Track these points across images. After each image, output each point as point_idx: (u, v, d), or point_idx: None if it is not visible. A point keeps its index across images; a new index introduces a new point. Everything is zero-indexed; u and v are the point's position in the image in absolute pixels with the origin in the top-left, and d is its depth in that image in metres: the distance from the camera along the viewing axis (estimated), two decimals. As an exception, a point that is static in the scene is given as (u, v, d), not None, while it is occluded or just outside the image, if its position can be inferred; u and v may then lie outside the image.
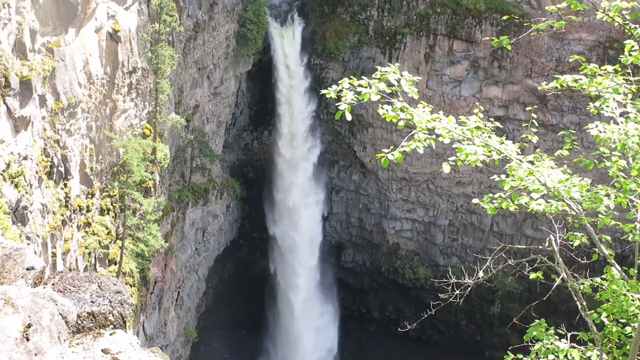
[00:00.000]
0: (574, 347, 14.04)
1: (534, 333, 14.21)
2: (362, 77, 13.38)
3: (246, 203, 73.76)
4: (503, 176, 13.43)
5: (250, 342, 73.15)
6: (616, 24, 12.56)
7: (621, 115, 13.57)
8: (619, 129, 13.46)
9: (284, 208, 73.78)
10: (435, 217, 76.50)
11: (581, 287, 14.07)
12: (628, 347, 13.20)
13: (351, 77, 13.48)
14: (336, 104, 13.11)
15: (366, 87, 13.14)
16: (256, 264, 75.74)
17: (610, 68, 13.63)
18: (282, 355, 75.33)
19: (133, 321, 42.96)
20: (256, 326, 74.30)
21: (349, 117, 12.79)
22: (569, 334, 14.35)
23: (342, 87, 13.17)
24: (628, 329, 13.39)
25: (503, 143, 13.45)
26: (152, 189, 50.97)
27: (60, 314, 11.92)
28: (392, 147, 13.11)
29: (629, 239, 13.45)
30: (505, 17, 62.79)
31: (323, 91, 13.79)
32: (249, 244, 75.46)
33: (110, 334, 12.48)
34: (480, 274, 15.14)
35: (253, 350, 73.37)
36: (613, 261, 13.59)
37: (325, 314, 77.37)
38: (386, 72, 13.33)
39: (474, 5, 66.81)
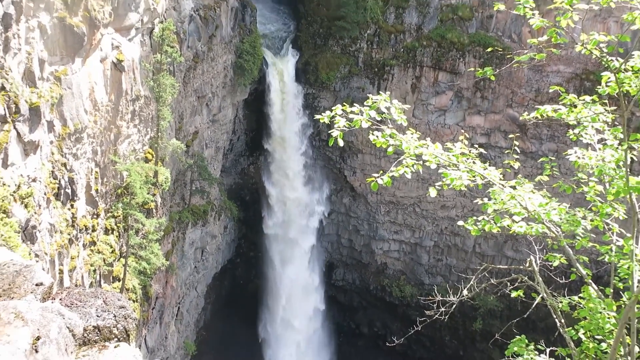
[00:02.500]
0: (553, 362, 14.02)
1: (515, 348, 14.19)
2: (354, 104, 13.42)
3: (243, 224, 73.68)
4: (486, 200, 13.44)
5: (245, 356, 72.97)
6: (594, 56, 12.61)
7: (599, 142, 13.61)
8: (597, 155, 13.51)
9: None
10: (421, 238, 76.58)
11: (560, 305, 14.06)
12: (603, 362, 13.19)
13: (344, 104, 13.51)
14: (329, 131, 13.13)
15: (358, 114, 13.16)
16: (252, 281, 75.57)
17: (588, 98, 13.70)
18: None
19: (136, 335, 42.76)
20: (252, 341, 74.10)
21: (341, 142, 12.81)
22: (547, 350, 14.34)
23: (335, 114, 13.19)
24: (604, 345, 13.39)
25: (486, 169, 13.49)
26: (154, 210, 50.95)
27: (68, 327, 11.87)
28: (381, 172, 13.13)
29: (605, 260, 13.47)
30: (489, 50, 63.14)
31: (317, 116, 13.84)
32: (245, 263, 75.32)
33: (115, 347, 12.43)
34: (464, 292, 15.15)
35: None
36: (590, 281, 13.59)
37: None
38: (377, 100, 13.37)
39: (458, 39, 67.12)
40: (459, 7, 67.47)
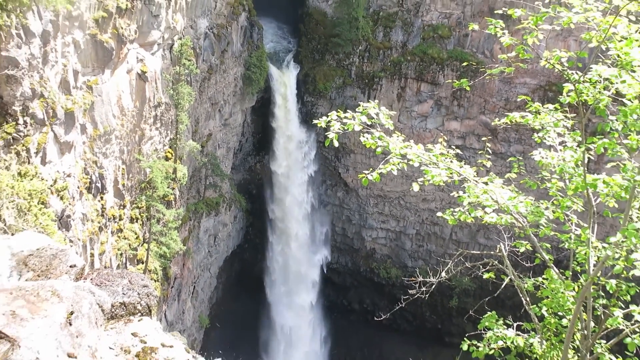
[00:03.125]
0: (519, 335, 14.01)
1: (486, 323, 14.18)
2: (347, 111, 13.44)
3: (250, 214, 73.61)
4: (462, 193, 13.45)
5: (252, 330, 72.97)
6: (556, 70, 12.61)
7: (560, 144, 13.61)
8: (558, 155, 13.51)
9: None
10: (404, 227, 76.59)
11: (525, 285, 14.06)
12: (563, 335, 13.18)
13: (338, 110, 13.53)
14: (325, 133, 13.13)
15: (351, 119, 13.18)
16: (258, 264, 75.47)
17: (551, 106, 13.71)
18: (278, 341, 75.08)
19: (157, 310, 42.69)
20: (257, 316, 74.06)
21: (336, 144, 12.82)
22: (515, 324, 14.33)
23: (331, 119, 13.21)
24: (564, 321, 13.39)
25: (462, 167, 13.49)
26: (173, 202, 50.94)
27: (97, 304, 11.86)
28: (371, 169, 13.13)
29: (565, 246, 13.47)
30: (464, 64, 63.22)
31: (315, 121, 13.85)
32: (252, 248, 75.23)
33: (139, 320, 12.42)
34: (442, 274, 15.14)
35: (254, 337, 73.16)
36: (552, 265, 13.58)
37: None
38: (367, 107, 13.39)
39: (437, 54, 67.12)
40: (439, 27, 67.47)
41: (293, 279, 75.32)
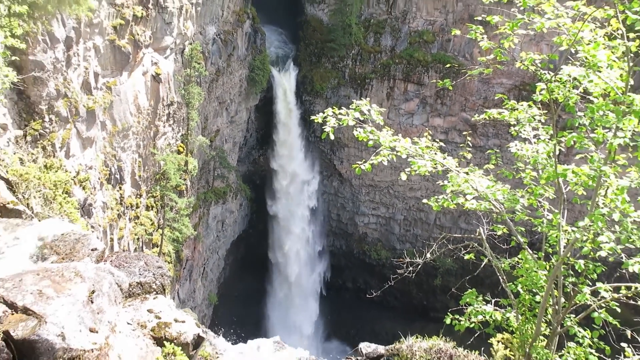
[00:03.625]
0: (496, 310, 14.03)
1: (467, 299, 14.19)
2: (342, 108, 13.44)
3: (254, 202, 73.62)
4: (445, 182, 13.43)
5: (256, 306, 73.18)
6: (530, 71, 12.59)
7: (534, 137, 13.60)
8: (532, 148, 13.50)
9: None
10: (393, 213, 76.69)
11: (502, 265, 14.06)
12: (537, 310, 13.20)
13: (333, 107, 13.50)
14: (322, 127, 13.11)
15: (345, 115, 13.17)
16: (261, 247, 75.52)
17: (525, 104, 13.70)
18: (279, 316, 75.23)
19: (170, 289, 42.84)
20: (260, 293, 74.26)
21: (332, 137, 12.81)
22: (493, 300, 14.34)
23: (327, 115, 13.19)
24: (537, 297, 13.40)
25: (445, 158, 13.46)
26: (185, 192, 50.98)
27: (116, 283, 11.86)
28: (363, 160, 13.13)
29: (538, 230, 13.45)
30: (447, 66, 63.20)
31: (313, 117, 13.84)
32: (256, 233, 75.23)
33: (154, 298, 12.43)
34: (427, 255, 15.14)
35: (258, 312, 73.35)
36: (526, 247, 13.59)
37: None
38: (360, 104, 13.37)
39: (423, 57, 67.10)
40: (424, 32, 67.41)
41: (293, 260, 75.46)
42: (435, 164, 13.19)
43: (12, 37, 22.57)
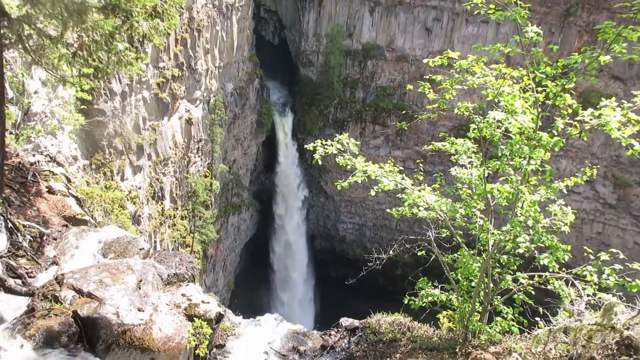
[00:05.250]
0: (442, 293, 13.99)
1: (420, 285, 14.15)
2: (327, 141, 13.50)
3: (261, 214, 73.38)
4: (404, 196, 13.44)
5: (264, 290, 72.80)
6: (465, 115, 12.69)
7: (468, 164, 13.65)
8: (467, 171, 13.55)
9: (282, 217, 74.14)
10: (365, 221, 76.62)
11: (446, 259, 14.05)
12: (472, 293, 13.18)
13: (321, 140, 13.57)
14: (313, 154, 13.14)
15: (330, 146, 13.23)
16: (266, 246, 75.12)
17: (462, 140, 13.76)
18: (281, 298, 74.80)
19: (199, 278, 42.66)
20: (266, 283, 73.84)
21: (320, 162, 12.84)
22: (439, 286, 14.29)
23: (317, 145, 13.25)
24: (472, 283, 13.38)
25: (404, 179, 13.48)
26: (210, 205, 50.88)
27: (158, 274, 11.77)
28: (343, 180, 13.15)
29: (472, 233, 13.47)
30: (404, 112, 63.64)
31: (306, 146, 13.91)
32: (263, 237, 74.83)
33: (186, 285, 12.33)
34: (390, 252, 15.11)
35: (265, 295, 72.95)
36: (464, 245, 13.59)
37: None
38: (341, 138, 13.45)
39: (386, 106, 67.55)
40: (387, 87, 67.87)
41: (290, 256, 75.25)
42: (396, 184, 13.20)
43: (81, 92, 22.55)
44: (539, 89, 10.99)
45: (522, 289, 11.97)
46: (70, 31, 11.68)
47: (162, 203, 42.25)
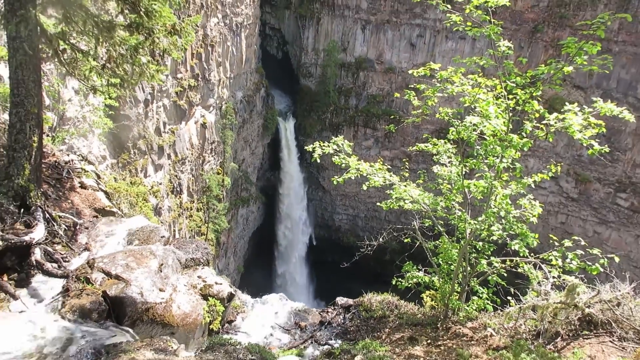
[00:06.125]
0: (426, 275, 13.99)
1: (406, 268, 14.15)
2: (325, 142, 13.46)
3: (267, 206, 73.36)
4: (391, 191, 13.42)
5: (268, 273, 72.78)
6: (445, 119, 12.67)
7: (448, 163, 13.63)
8: (448, 169, 13.54)
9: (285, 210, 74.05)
10: (358, 213, 76.57)
11: (428, 245, 14.04)
12: (452, 275, 13.19)
13: (319, 142, 13.54)
14: (312, 154, 13.12)
15: (327, 147, 13.20)
16: (272, 237, 75.11)
17: (442, 141, 13.74)
18: (285, 279, 74.77)
19: (212, 263, 42.75)
20: (271, 267, 73.79)
21: (318, 160, 12.81)
22: (423, 269, 14.30)
23: (315, 146, 13.23)
24: (452, 267, 13.38)
25: (392, 176, 13.46)
26: (222, 199, 50.83)
27: (177, 259, 11.75)
28: (339, 176, 13.12)
29: (452, 222, 13.46)
30: (392, 117, 63.56)
31: (306, 147, 13.86)
32: (268, 227, 74.83)
33: (202, 269, 12.32)
34: (380, 239, 15.10)
35: (270, 277, 72.94)
36: (444, 233, 13.58)
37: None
38: (337, 140, 13.41)
39: (376, 111, 67.46)
40: (377, 95, 67.79)
41: (292, 243, 75.21)
42: (385, 180, 13.18)
43: (109, 99, 22.48)
44: (510, 96, 10.98)
45: (495, 271, 11.97)
46: (99, 46, 11.64)
47: (180, 197, 42.20)
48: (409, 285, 13.91)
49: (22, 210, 11.01)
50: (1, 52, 16.20)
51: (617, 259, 9.97)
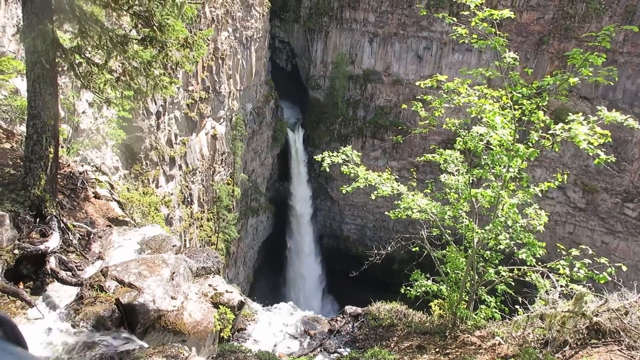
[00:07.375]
0: (434, 284, 13.91)
1: (415, 277, 14.08)
2: (334, 152, 13.49)
3: (276, 216, 73.39)
4: (399, 201, 13.41)
5: (277, 282, 72.60)
6: (452, 130, 12.67)
7: (455, 172, 13.61)
8: (455, 178, 13.51)
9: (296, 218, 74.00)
10: (366, 222, 76.39)
11: (436, 255, 13.97)
12: (460, 284, 13.10)
13: (328, 152, 13.58)
14: (321, 163, 13.15)
15: (336, 157, 13.24)
16: (281, 246, 75.07)
17: (450, 151, 13.73)
18: (294, 288, 74.51)
19: (223, 272, 42.76)
20: (280, 276, 73.63)
21: (327, 169, 12.83)
22: (431, 278, 14.22)
23: (324, 156, 13.26)
24: (460, 275, 13.30)
25: (399, 186, 13.45)
26: (232, 209, 50.93)
27: (188, 267, 11.79)
28: (347, 185, 13.13)
29: (459, 231, 13.40)
30: (399, 128, 63.54)
31: (315, 157, 13.88)
32: (278, 236, 74.86)
33: (212, 277, 12.34)
34: (388, 248, 15.05)
35: (279, 287, 72.73)
36: (452, 242, 13.52)
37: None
38: (345, 150, 13.44)
39: (384, 123, 67.54)
40: (385, 107, 67.89)
41: (302, 252, 75.03)
42: (392, 190, 13.18)
43: (123, 111, 22.73)
44: (516, 107, 10.98)
45: (503, 280, 11.89)
46: (114, 59, 11.82)
47: (191, 207, 42.37)
48: (418, 294, 13.82)
49: (37, 219, 11.13)
50: (19, 65, 16.46)
51: (624, 268, 9.88)
